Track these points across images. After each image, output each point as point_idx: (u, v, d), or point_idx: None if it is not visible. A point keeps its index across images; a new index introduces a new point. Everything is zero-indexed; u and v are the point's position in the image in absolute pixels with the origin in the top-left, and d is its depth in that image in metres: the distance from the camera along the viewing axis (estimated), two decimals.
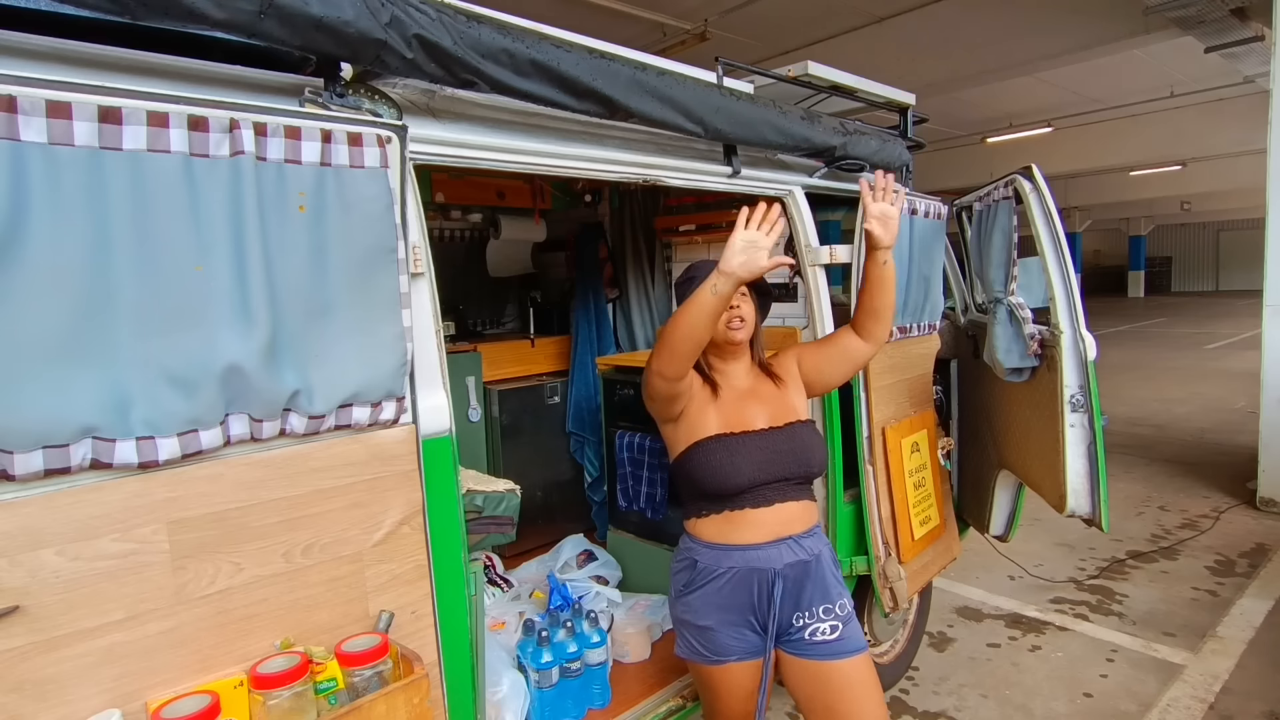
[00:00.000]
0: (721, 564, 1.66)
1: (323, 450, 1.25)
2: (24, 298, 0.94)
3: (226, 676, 1.14)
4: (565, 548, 3.12)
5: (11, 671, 0.97)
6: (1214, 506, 4.88)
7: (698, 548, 1.70)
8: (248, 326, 1.12)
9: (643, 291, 3.40)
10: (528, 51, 1.47)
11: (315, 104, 1.26)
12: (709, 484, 1.66)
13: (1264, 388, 4.89)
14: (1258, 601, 3.52)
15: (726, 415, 1.72)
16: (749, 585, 1.65)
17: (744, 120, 1.99)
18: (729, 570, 1.66)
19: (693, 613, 1.68)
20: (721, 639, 1.66)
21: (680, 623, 1.72)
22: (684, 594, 1.70)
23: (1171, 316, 19.04)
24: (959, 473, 2.99)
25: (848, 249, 2.37)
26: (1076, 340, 2.29)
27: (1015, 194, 2.38)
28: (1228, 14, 5.93)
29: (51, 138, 0.95)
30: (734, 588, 1.65)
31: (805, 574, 1.68)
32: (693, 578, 1.69)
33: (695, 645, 1.69)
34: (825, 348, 1.87)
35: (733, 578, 1.65)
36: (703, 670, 1.70)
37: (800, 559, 1.68)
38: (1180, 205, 21.99)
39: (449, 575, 1.43)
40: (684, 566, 1.72)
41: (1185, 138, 12.83)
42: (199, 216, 1.07)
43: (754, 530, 1.67)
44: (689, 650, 1.70)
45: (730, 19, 7.50)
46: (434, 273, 1.43)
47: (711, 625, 1.66)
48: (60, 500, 1.00)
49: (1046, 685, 2.89)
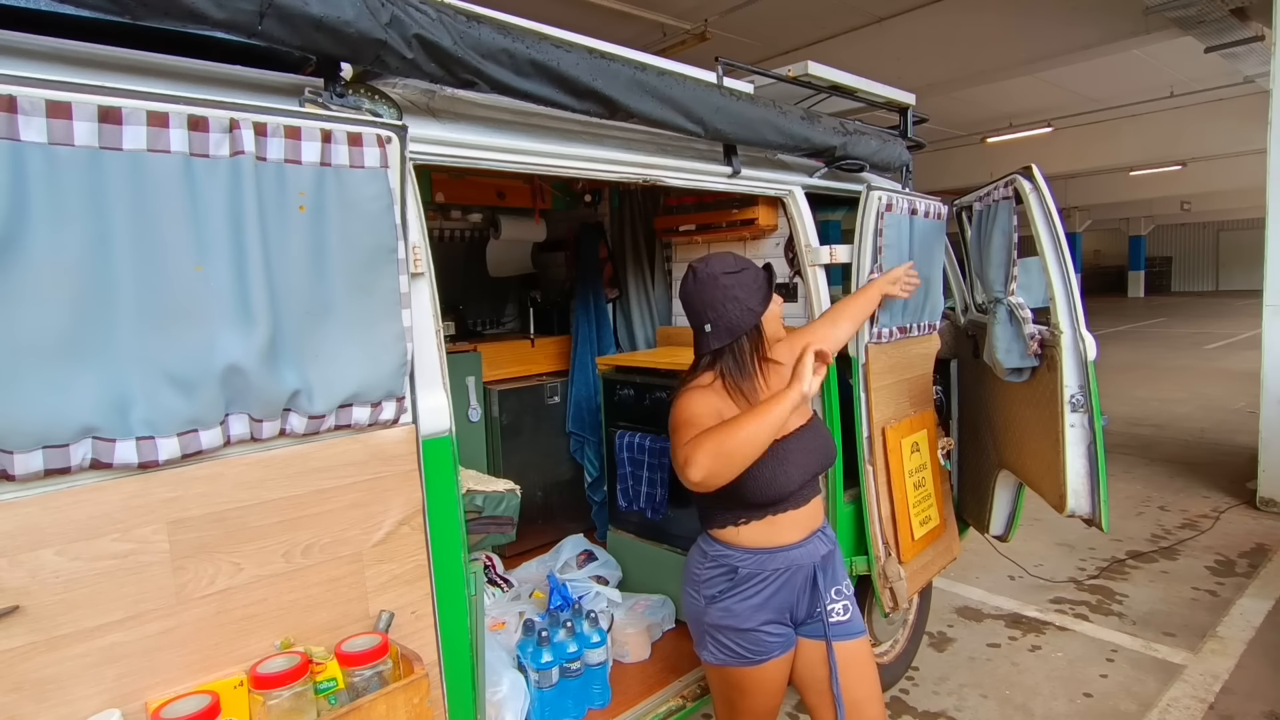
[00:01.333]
0: (767, 567, 1.66)
1: (323, 450, 1.25)
2: (24, 298, 0.94)
3: (226, 676, 1.14)
4: (565, 548, 3.12)
5: (11, 671, 0.97)
6: (1214, 506, 4.88)
7: (737, 554, 1.66)
8: (248, 326, 1.12)
9: (643, 291, 3.40)
10: (528, 51, 1.47)
11: (315, 104, 1.26)
12: (758, 496, 1.62)
13: (1264, 388, 4.89)
14: (1258, 601, 3.52)
15: None
16: (794, 583, 1.69)
17: (744, 120, 1.99)
18: (773, 572, 1.66)
19: (735, 617, 1.64)
20: (764, 638, 1.66)
21: (717, 628, 1.66)
22: (720, 600, 1.66)
23: (1171, 316, 19.03)
24: (959, 473, 2.99)
25: (848, 249, 2.37)
26: (1076, 340, 2.29)
27: (1015, 194, 2.38)
28: (1228, 14, 5.93)
29: (51, 138, 0.95)
30: (778, 587, 1.67)
31: (832, 562, 1.77)
32: (733, 584, 1.65)
33: (737, 648, 1.65)
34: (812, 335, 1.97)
35: (778, 578, 1.66)
36: (738, 673, 1.67)
37: (830, 549, 1.77)
38: (1180, 205, 21.98)
39: (449, 575, 1.43)
40: (719, 574, 1.67)
41: (1185, 138, 12.84)
42: (199, 216, 1.07)
43: (794, 530, 1.69)
44: (728, 654, 1.66)
45: (730, 19, 7.50)
46: (434, 273, 1.43)
47: (754, 626, 1.65)
48: (60, 500, 1.00)
49: (1046, 685, 2.89)
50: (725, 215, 2.88)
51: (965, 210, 2.79)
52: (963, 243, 2.78)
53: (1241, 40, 6.42)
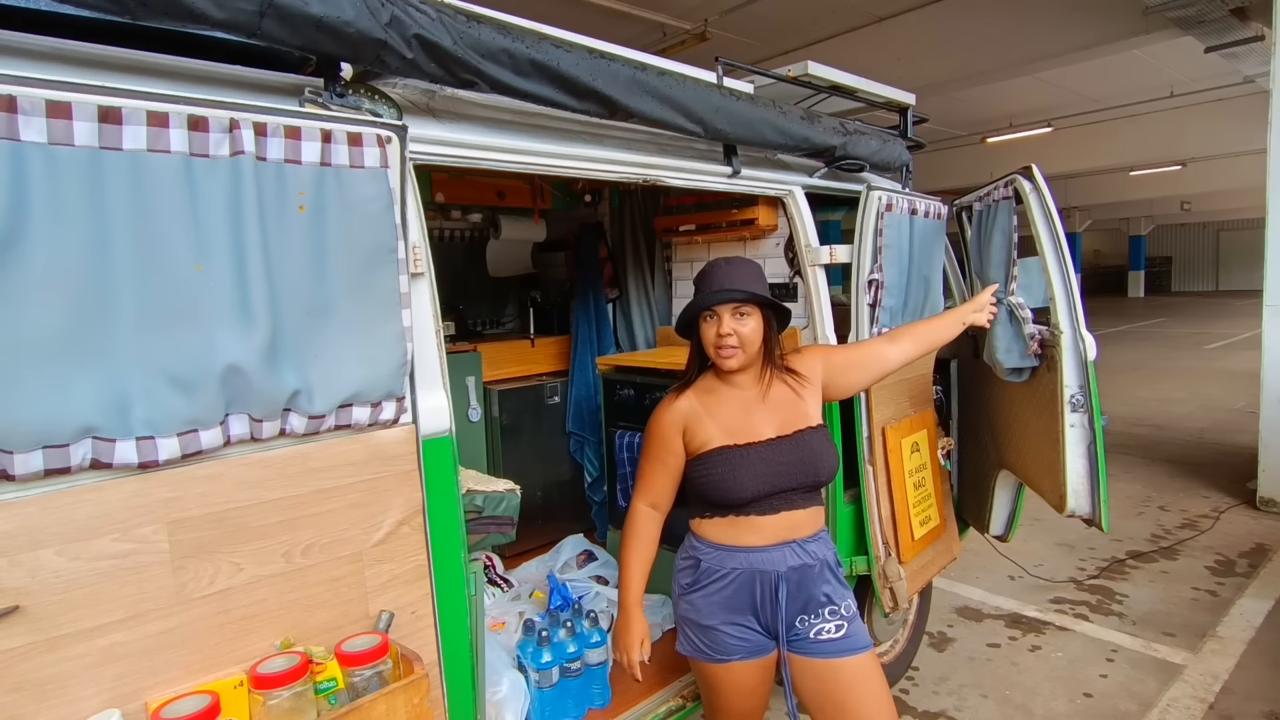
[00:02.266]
0: (725, 564, 1.66)
1: (323, 450, 1.25)
2: (24, 298, 0.94)
3: (226, 676, 1.14)
4: (565, 548, 3.12)
5: (11, 671, 0.97)
6: (1214, 506, 4.88)
7: (702, 547, 1.70)
8: (248, 326, 1.12)
9: (643, 291, 3.40)
10: (528, 51, 1.47)
11: (315, 104, 1.26)
12: (712, 495, 1.66)
13: (1264, 388, 4.89)
14: (1258, 601, 3.52)
15: (730, 425, 1.68)
16: (752, 586, 1.65)
17: (744, 120, 1.99)
18: (732, 571, 1.66)
19: (696, 611, 1.68)
20: (724, 638, 1.66)
21: (684, 620, 1.72)
22: (687, 592, 1.70)
23: (1171, 316, 19.04)
24: (959, 473, 2.99)
25: (847, 249, 2.37)
26: (1076, 340, 2.29)
27: (1015, 194, 2.38)
28: (1228, 14, 5.93)
29: (51, 138, 0.95)
30: (737, 588, 1.65)
31: (808, 577, 1.68)
32: (697, 577, 1.69)
33: (698, 643, 1.69)
34: (857, 352, 1.88)
35: (736, 579, 1.65)
36: (705, 668, 1.70)
37: (804, 563, 1.67)
38: (1180, 205, 21.99)
39: (449, 575, 1.43)
40: (688, 565, 1.72)
41: (1185, 138, 12.84)
42: (199, 216, 1.07)
43: (758, 534, 1.66)
44: (692, 648, 1.70)
45: (730, 19, 7.50)
46: (434, 273, 1.43)
47: (715, 625, 1.66)
48: (60, 500, 1.00)
49: (1046, 685, 2.89)
50: (725, 215, 2.89)
51: (965, 210, 2.79)
52: (963, 243, 2.78)
53: (1241, 40, 6.42)
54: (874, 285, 2.30)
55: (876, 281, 2.30)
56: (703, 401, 1.72)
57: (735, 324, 1.64)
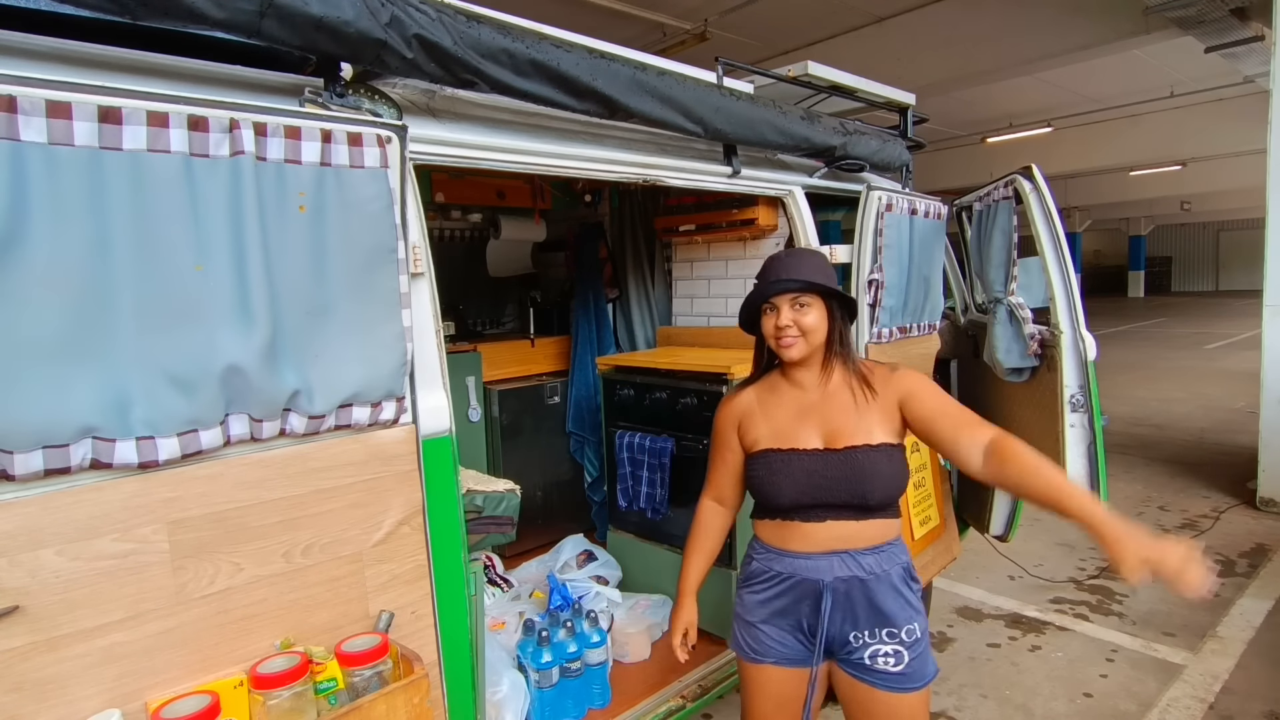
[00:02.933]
0: (772, 567, 1.65)
1: (323, 450, 1.25)
2: (24, 298, 0.94)
3: (226, 676, 1.14)
4: (565, 548, 3.12)
5: (11, 671, 0.97)
6: (1214, 506, 4.88)
7: (757, 546, 1.70)
8: (248, 326, 1.12)
9: (643, 291, 3.40)
10: (528, 51, 1.47)
11: (315, 104, 1.26)
12: (758, 497, 1.66)
13: (1264, 388, 4.89)
14: (1258, 601, 3.52)
15: (779, 428, 1.63)
16: (796, 593, 1.61)
17: (744, 120, 1.99)
18: (777, 575, 1.64)
19: (744, 608, 1.68)
20: (764, 639, 1.65)
21: (735, 615, 1.72)
22: (740, 588, 1.72)
23: (1171, 316, 19.04)
24: (959, 473, 2.99)
25: (848, 249, 2.37)
26: (1076, 340, 2.29)
27: (1015, 194, 2.38)
28: (1228, 14, 5.93)
29: (51, 138, 0.95)
30: (780, 593, 1.63)
31: (861, 590, 1.57)
32: (748, 575, 1.69)
33: (741, 639, 1.69)
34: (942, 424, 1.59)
35: (781, 583, 1.63)
36: (742, 666, 1.71)
37: (854, 575, 1.57)
38: (1180, 205, 21.99)
39: (449, 575, 1.43)
40: (746, 561, 1.72)
41: (1185, 138, 12.84)
42: (199, 216, 1.07)
43: (804, 540, 1.60)
44: (736, 643, 1.71)
45: (730, 19, 7.51)
46: (434, 273, 1.43)
47: (757, 623, 1.65)
48: (60, 500, 1.00)
49: (1046, 685, 2.89)
50: (725, 215, 2.89)
51: (965, 210, 2.79)
52: (963, 243, 2.79)
53: (1241, 40, 6.42)
54: (874, 285, 2.30)
55: (876, 281, 2.30)
56: (761, 399, 1.67)
57: (795, 315, 1.56)
